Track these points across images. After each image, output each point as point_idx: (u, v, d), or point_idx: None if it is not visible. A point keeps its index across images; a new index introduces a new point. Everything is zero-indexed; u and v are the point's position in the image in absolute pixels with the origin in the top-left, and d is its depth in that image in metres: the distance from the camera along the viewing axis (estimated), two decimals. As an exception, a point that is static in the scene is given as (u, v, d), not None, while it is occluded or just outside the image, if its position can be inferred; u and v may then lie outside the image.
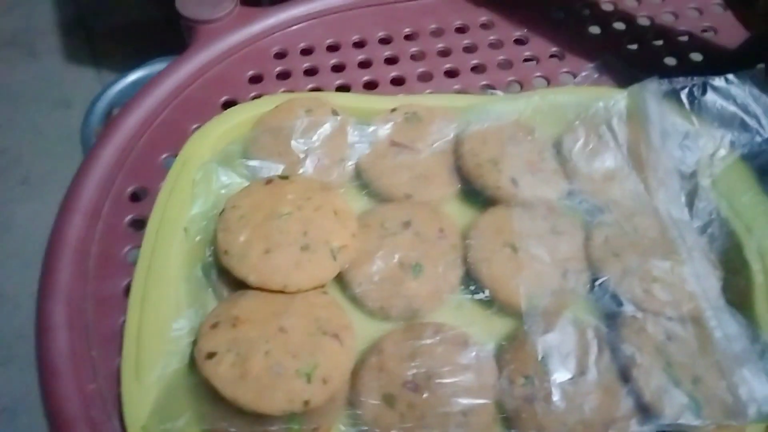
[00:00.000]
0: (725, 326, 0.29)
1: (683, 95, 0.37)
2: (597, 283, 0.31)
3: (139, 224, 0.38)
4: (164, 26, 1.43)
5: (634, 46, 0.48)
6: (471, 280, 0.32)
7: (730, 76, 0.37)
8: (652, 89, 0.36)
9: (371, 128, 0.38)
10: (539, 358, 0.29)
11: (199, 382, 0.28)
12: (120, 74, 1.16)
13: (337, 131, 0.37)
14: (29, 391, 0.95)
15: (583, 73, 0.44)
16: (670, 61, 0.47)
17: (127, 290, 0.34)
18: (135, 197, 0.39)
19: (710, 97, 0.37)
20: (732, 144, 0.36)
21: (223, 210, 0.33)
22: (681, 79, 0.37)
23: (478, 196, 0.36)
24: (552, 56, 0.47)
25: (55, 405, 0.30)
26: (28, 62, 1.42)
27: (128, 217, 0.38)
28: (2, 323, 1.02)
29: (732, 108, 0.36)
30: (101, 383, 0.31)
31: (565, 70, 0.46)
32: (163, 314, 0.31)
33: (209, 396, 0.28)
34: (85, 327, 0.33)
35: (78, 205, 0.38)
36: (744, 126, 0.36)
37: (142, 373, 0.29)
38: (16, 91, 1.36)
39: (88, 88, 1.34)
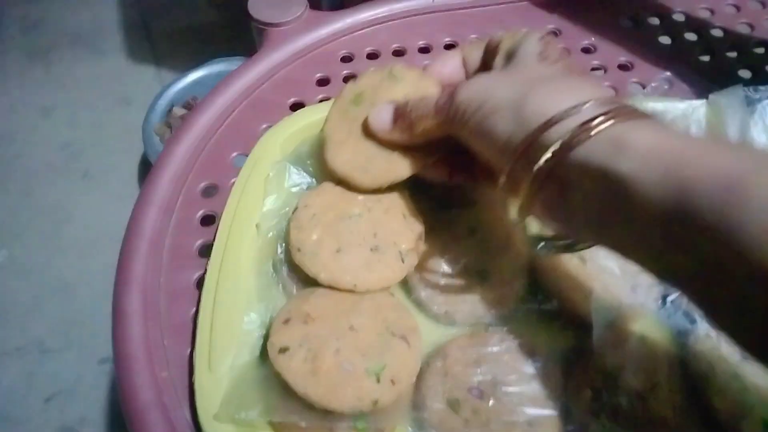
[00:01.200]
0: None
1: (765, 106, 0.36)
2: (669, 299, 0.31)
3: (210, 219, 0.39)
4: (222, 29, 1.47)
5: (706, 58, 0.47)
6: (538, 289, 0.32)
7: None
8: (731, 98, 0.35)
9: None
10: (608, 371, 0.28)
11: (268, 375, 0.29)
12: (179, 74, 1.20)
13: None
14: (83, 376, 1.00)
15: (653, 84, 0.44)
16: (744, 73, 0.45)
17: (198, 283, 0.36)
18: (206, 193, 0.40)
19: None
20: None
21: (296, 208, 0.34)
22: (763, 88, 0.36)
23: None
24: (620, 66, 0.46)
25: (130, 391, 0.31)
26: (92, 60, 1.48)
27: (200, 212, 0.39)
28: (60, 310, 1.07)
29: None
30: (173, 371, 0.32)
31: (634, 80, 0.45)
32: (234, 307, 0.32)
33: (280, 389, 0.28)
34: (158, 316, 0.34)
35: (153, 198, 0.39)
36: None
37: (214, 363, 0.30)
38: (80, 87, 1.42)
39: (148, 87, 1.39)
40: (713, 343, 0.29)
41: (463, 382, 0.29)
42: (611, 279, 0.31)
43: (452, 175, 0.33)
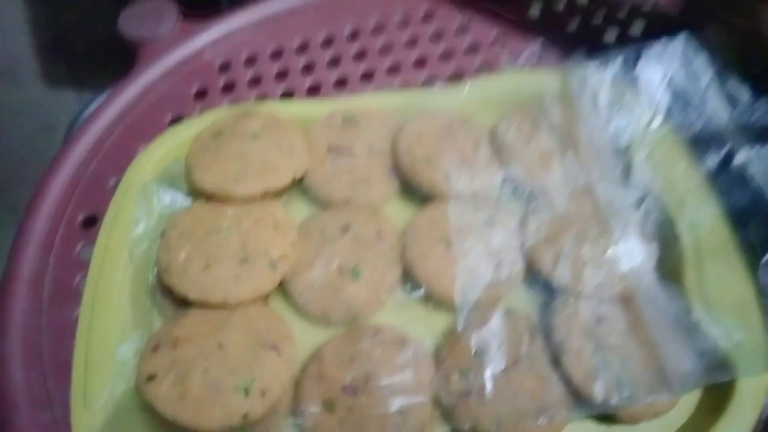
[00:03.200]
0: (655, 303, 0.29)
1: (615, 68, 0.37)
2: (530, 271, 0.32)
3: (91, 252, 0.38)
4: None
5: (575, 25, 0.48)
6: (408, 279, 0.33)
7: (663, 42, 0.36)
8: (579, 66, 0.36)
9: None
10: (473, 352, 0.29)
11: (143, 404, 0.29)
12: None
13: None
14: None
15: (523, 58, 0.44)
16: (610, 35, 0.46)
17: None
18: (86, 224, 0.40)
19: (643, 66, 0.36)
20: (666, 114, 0.36)
21: (164, 230, 0.34)
22: (614, 52, 0.37)
23: (416, 193, 0.36)
24: (493, 42, 0.47)
25: (11, 437, 0.31)
26: (10, 90, 1.43)
27: (80, 246, 0.38)
28: None
29: (664, 76, 0.36)
30: (56, 413, 0.32)
31: (505, 55, 0.46)
32: (109, 339, 0.31)
33: (157, 416, 0.28)
34: (40, 358, 0.34)
35: (30, 237, 0.38)
36: (677, 94, 0.36)
37: (89, 399, 0.30)
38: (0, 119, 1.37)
39: (71, 111, 1.34)
40: (570, 310, 0.30)
41: (336, 382, 0.29)
42: (475, 260, 0.32)
43: None
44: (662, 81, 0.36)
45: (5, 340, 0.34)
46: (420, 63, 0.46)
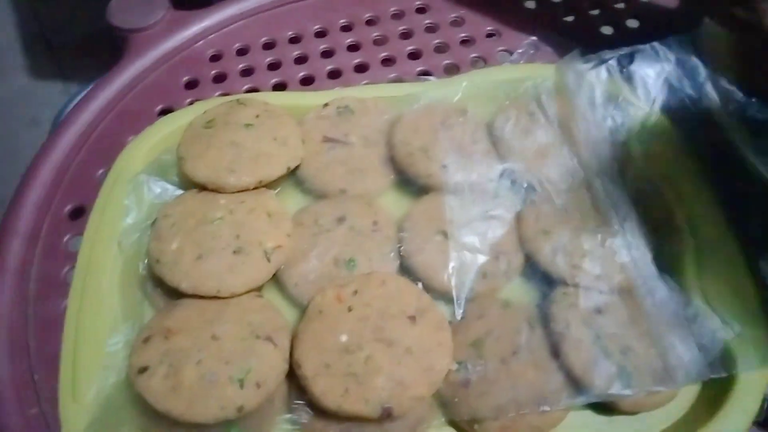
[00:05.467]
0: (655, 294, 0.29)
1: (611, 66, 0.37)
2: (529, 263, 0.31)
3: (79, 243, 0.37)
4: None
5: (571, 18, 0.48)
6: (405, 271, 0.32)
7: (656, 44, 0.37)
8: (575, 63, 0.36)
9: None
10: (471, 342, 0.29)
11: (135, 396, 0.28)
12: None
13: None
14: None
15: (519, 51, 0.44)
16: (606, 30, 0.46)
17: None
18: (74, 215, 0.39)
19: (637, 65, 0.37)
20: (662, 109, 0.36)
21: (155, 220, 0.33)
22: (608, 51, 0.37)
23: (412, 185, 0.36)
24: (488, 35, 0.47)
25: (-3, 432, 0.30)
26: (-6, 82, 1.40)
27: (67, 237, 0.38)
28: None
29: (659, 74, 0.36)
30: (44, 407, 0.31)
31: (501, 48, 0.46)
32: (98, 331, 0.31)
33: (148, 409, 0.28)
34: (27, 351, 0.33)
35: (16, 227, 0.37)
36: (673, 91, 0.36)
37: (78, 392, 0.29)
38: (-16, 113, 1.35)
39: (57, 104, 1.32)
40: (570, 300, 0.30)
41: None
42: (473, 252, 0.31)
43: None
44: (657, 79, 0.36)
45: (-10, 333, 0.33)
46: (415, 55, 0.46)
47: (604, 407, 0.28)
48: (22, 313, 0.34)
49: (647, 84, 0.36)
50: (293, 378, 0.29)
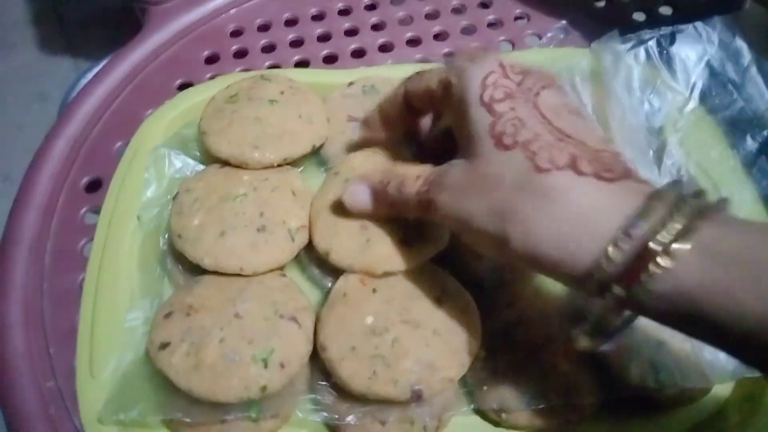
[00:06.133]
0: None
1: (650, 47, 0.35)
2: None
3: (96, 216, 0.37)
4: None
5: (602, 3, 0.46)
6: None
7: (699, 24, 0.35)
8: (613, 44, 0.35)
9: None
10: (501, 330, 0.28)
11: (154, 372, 0.27)
12: (95, 62, 1.14)
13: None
14: None
15: (549, 34, 0.43)
16: (638, 16, 0.45)
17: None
18: (91, 188, 0.38)
19: (678, 47, 0.35)
20: (701, 95, 0.35)
21: (176, 194, 0.32)
22: (647, 30, 0.36)
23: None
24: (517, 18, 0.46)
25: (13, 404, 0.29)
26: (3, 56, 1.39)
27: (83, 209, 0.37)
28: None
29: (701, 57, 0.35)
30: (60, 381, 0.30)
31: (530, 32, 0.45)
32: (116, 306, 0.30)
33: (167, 386, 0.27)
34: (41, 324, 0.32)
35: (31, 200, 0.37)
36: (714, 75, 0.35)
37: (96, 368, 0.28)
38: (-8, 86, 1.34)
39: (65, 80, 1.31)
40: (603, 290, 0.29)
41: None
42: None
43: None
44: (699, 62, 0.35)
45: (5, 306, 0.32)
46: (441, 36, 0.45)
47: (635, 401, 0.27)
48: (37, 286, 0.34)
49: (687, 67, 0.35)
50: (315, 359, 0.28)
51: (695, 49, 0.35)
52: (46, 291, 0.33)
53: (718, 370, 0.26)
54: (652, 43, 0.36)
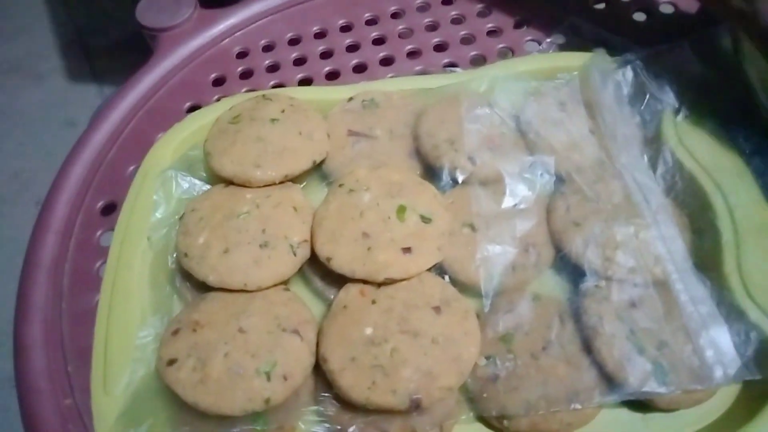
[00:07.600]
0: (691, 289, 0.28)
1: (637, 65, 0.36)
2: (559, 255, 0.31)
3: (111, 238, 0.38)
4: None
5: (602, 6, 0.46)
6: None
7: (683, 44, 0.36)
8: (598, 62, 0.35)
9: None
10: (500, 337, 0.28)
11: (164, 388, 0.28)
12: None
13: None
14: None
15: (548, 40, 0.43)
16: (639, 16, 0.45)
17: (100, 304, 0.35)
18: (106, 211, 0.39)
19: (663, 63, 0.35)
20: (691, 104, 0.35)
21: (183, 214, 0.34)
22: (629, 54, 0.36)
23: (439, 177, 0.35)
24: (516, 26, 0.46)
25: (32, 422, 0.31)
26: (33, 86, 1.45)
27: (99, 232, 0.38)
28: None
29: (687, 72, 0.35)
30: (77, 398, 0.32)
31: (529, 38, 0.45)
32: (129, 324, 0.31)
33: (176, 401, 0.28)
34: (60, 344, 0.34)
35: (50, 224, 0.38)
36: (702, 86, 0.35)
37: (109, 384, 0.29)
38: (24, 115, 1.39)
39: (92, 106, 1.36)
40: (602, 293, 0.29)
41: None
42: (501, 245, 0.31)
43: None
44: (685, 76, 0.35)
45: (27, 327, 0.34)
46: (441, 47, 0.45)
47: (638, 404, 0.27)
48: (56, 307, 0.35)
49: (674, 81, 0.35)
50: (319, 371, 0.29)
51: (680, 65, 0.35)
52: (64, 311, 0.35)
53: (723, 372, 0.26)
54: (638, 62, 0.36)
